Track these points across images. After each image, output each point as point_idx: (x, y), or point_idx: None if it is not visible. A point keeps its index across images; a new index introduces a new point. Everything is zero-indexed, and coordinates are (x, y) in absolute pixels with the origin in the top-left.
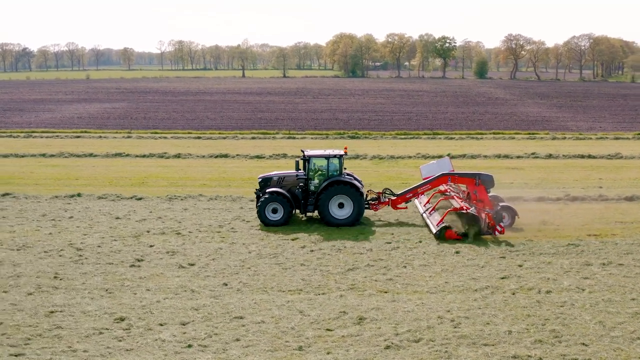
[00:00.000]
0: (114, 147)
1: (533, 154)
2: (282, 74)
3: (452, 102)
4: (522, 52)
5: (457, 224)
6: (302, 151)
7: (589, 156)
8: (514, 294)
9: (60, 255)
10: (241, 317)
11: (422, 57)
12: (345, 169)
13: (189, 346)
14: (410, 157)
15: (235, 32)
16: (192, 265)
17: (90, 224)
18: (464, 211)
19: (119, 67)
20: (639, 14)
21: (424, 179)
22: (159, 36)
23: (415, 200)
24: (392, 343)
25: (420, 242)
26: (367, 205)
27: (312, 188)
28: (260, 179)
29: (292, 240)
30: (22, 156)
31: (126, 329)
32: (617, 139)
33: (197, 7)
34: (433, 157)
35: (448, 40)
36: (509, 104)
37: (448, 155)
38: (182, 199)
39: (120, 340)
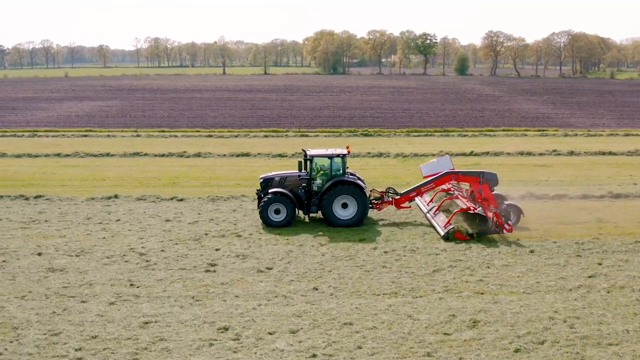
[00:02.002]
0: (128, 146)
1: (554, 151)
2: (264, 71)
3: (445, 99)
4: (502, 49)
5: (465, 225)
6: (304, 150)
7: (610, 153)
8: (609, 292)
9: (125, 261)
10: (350, 324)
11: (403, 54)
12: (347, 168)
13: (314, 356)
14: (433, 154)
15: (210, 29)
16: (270, 269)
17: (141, 227)
18: (471, 211)
19: (94, 64)
20: (614, 11)
21: (424, 177)
22: (132, 34)
23: (417, 199)
24: (520, 346)
25: (492, 241)
26: (370, 205)
27: (314, 188)
28: (261, 180)
29: (360, 242)
30: (36, 156)
31: (235, 339)
32: (627, 135)
33: (171, 3)
34: (456, 155)
35: (429, 37)
36: (501, 100)
37: (470, 153)
38: (225, 200)
39: (235, 352)
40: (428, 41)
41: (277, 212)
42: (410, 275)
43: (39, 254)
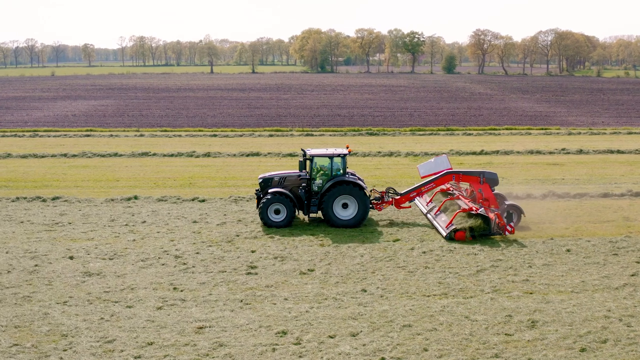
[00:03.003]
0: (134, 146)
1: (563, 149)
2: (251, 69)
3: (439, 98)
4: (490, 47)
5: (466, 225)
6: (303, 150)
7: (618, 151)
8: None
9: (162, 264)
10: (409, 325)
11: (391, 52)
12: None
13: (383, 359)
14: (444, 153)
15: (193, 28)
16: (312, 271)
17: (169, 228)
18: (474, 212)
19: (78, 63)
20: (598, 10)
21: (422, 178)
22: (114, 32)
23: (417, 199)
24: (585, 345)
25: (516, 240)
26: (370, 206)
27: (315, 188)
28: (260, 180)
29: (394, 242)
30: (42, 156)
31: (297, 344)
32: (630, 133)
33: (155, 2)
34: (467, 154)
35: (417, 36)
36: (495, 99)
37: (480, 152)
38: (247, 201)
39: (301, 356)
40: (416, 39)
41: (276, 212)
42: (455, 276)
43: (71, 258)
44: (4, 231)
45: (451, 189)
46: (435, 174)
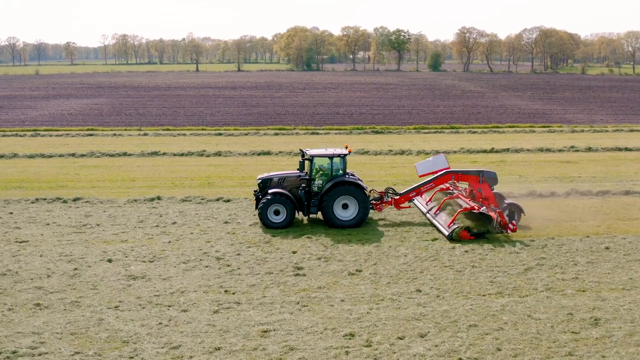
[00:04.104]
0: (141, 146)
1: (572, 147)
2: (237, 67)
3: (432, 96)
4: (475, 45)
5: (468, 224)
6: (301, 150)
7: (626, 149)
8: None
9: (206, 266)
10: (475, 325)
11: (377, 50)
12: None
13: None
14: (455, 151)
15: (174, 26)
16: (360, 271)
17: (202, 229)
18: (475, 211)
19: (59, 61)
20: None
21: (420, 177)
22: (94, 30)
23: (415, 199)
24: None
25: (553, 238)
26: (370, 206)
27: (315, 189)
28: (259, 180)
29: (432, 241)
30: (50, 156)
31: (368, 346)
32: (631, 131)
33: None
34: (478, 152)
35: (403, 33)
36: (488, 97)
37: (490, 150)
38: None
39: (376, 359)
40: (402, 37)
41: (276, 213)
42: (505, 275)
43: (110, 261)
44: (32, 234)
45: (450, 188)
46: (433, 173)
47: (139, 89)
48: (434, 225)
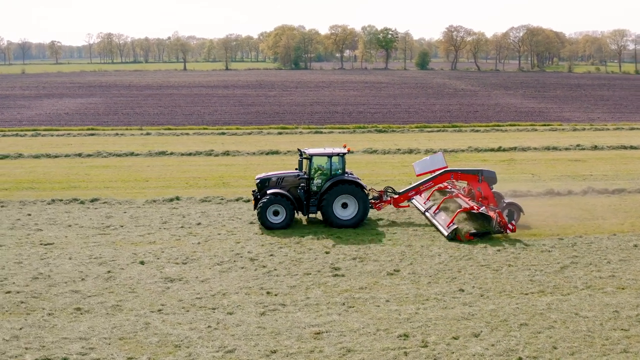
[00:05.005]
0: (146, 145)
1: (578, 145)
2: (224, 66)
3: (426, 94)
4: (463, 43)
5: (468, 224)
6: (299, 150)
7: (631, 147)
8: None
9: (241, 268)
10: (526, 324)
11: (365, 49)
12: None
13: (519, 359)
14: (463, 150)
15: (160, 24)
16: (398, 271)
17: (228, 230)
18: (475, 211)
19: (43, 60)
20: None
21: (417, 175)
22: (77, 29)
23: (414, 198)
24: None
25: (581, 237)
26: (369, 205)
27: (314, 188)
28: (257, 180)
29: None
30: (56, 156)
31: (424, 346)
32: (632, 129)
33: None
34: (485, 151)
35: (390, 32)
36: (481, 95)
37: (498, 148)
38: None
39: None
40: (390, 36)
41: (275, 213)
42: (542, 273)
43: (142, 263)
44: (55, 236)
45: (449, 187)
46: (431, 172)
47: (130, 88)
48: (433, 225)
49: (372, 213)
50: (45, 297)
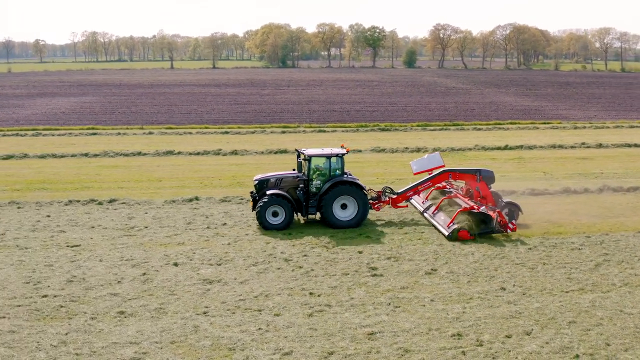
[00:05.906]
0: (151, 145)
1: (584, 143)
2: (212, 65)
3: (419, 92)
4: (450, 41)
5: (468, 224)
6: (297, 150)
7: (635, 145)
8: None
9: (278, 268)
10: (574, 322)
11: (352, 47)
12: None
13: (577, 357)
14: (470, 149)
15: (144, 22)
16: (435, 270)
17: (255, 230)
18: (475, 210)
19: (27, 59)
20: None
21: (414, 174)
22: (60, 27)
23: (412, 198)
24: None
25: (607, 234)
26: (369, 205)
27: (313, 189)
28: (256, 181)
29: (497, 240)
30: (62, 156)
31: (480, 345)
32: (632, 127)
33: None
34: (493, 149)
35: (378, 30)
36: (474, 93)
37: (504, 147)
38: None
39: (495, 358)
40: (377, 34)
41: (274, 214)
42: (579, 271)
43: (176, 264)
44: (80, 237)
45: (447, 187)
46: (428, 170)
47: (121, 87)
48: (433, 225)
49: (372, 213)
50: (84, 300)
